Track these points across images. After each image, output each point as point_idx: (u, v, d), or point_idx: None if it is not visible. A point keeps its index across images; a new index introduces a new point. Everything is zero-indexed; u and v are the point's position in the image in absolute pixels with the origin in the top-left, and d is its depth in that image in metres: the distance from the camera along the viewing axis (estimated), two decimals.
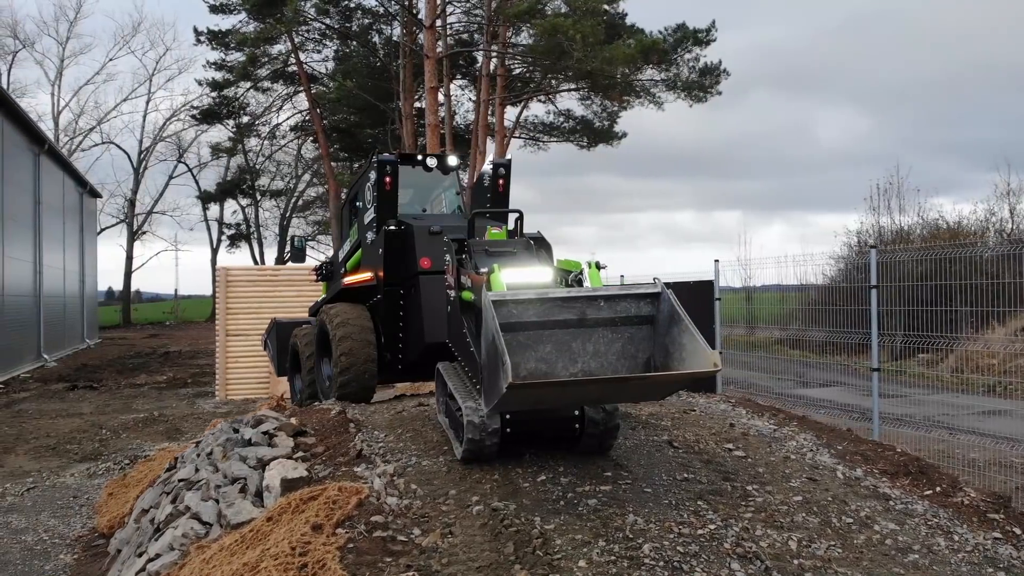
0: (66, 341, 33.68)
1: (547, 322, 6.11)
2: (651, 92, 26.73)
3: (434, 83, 19.20)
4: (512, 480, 6.56)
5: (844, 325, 12.91)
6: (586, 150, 30.63)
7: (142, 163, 52.02)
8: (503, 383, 5.12)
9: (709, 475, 6.83)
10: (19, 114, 27.20)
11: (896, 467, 7.32)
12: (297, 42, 29.09)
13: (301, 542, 5.65)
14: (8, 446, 15.07)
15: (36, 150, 29.19)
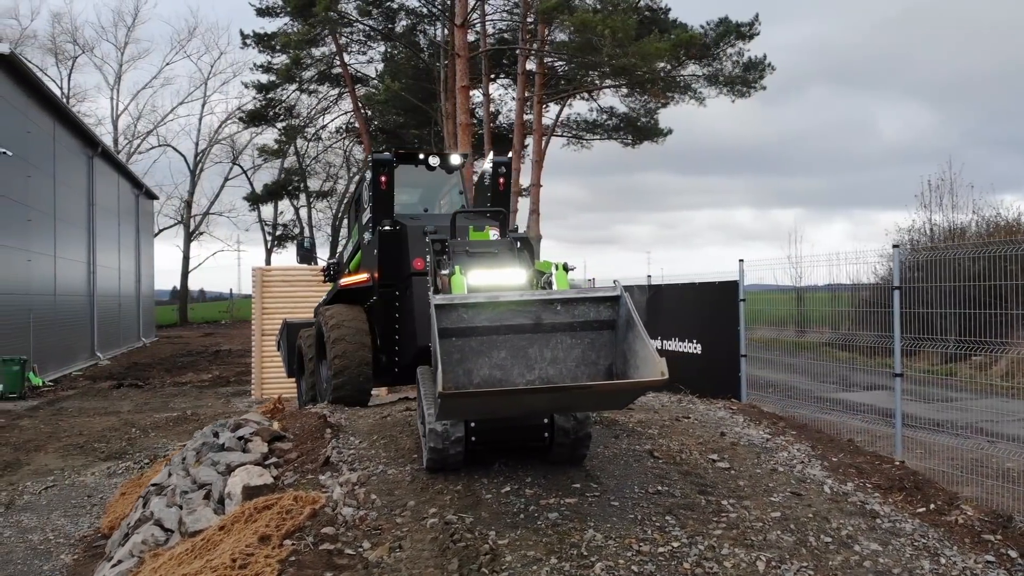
0: (121, 340, 34.46)
1: (501, 327, 5.87)
2: (692, 88, 26.18)
3: (465, 82, 19.05)
4: (475, 491, 6.35)
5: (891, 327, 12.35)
6: (631, 147, 30.25)
7: (198, 165, 53.10)
8: (435, 392, 4.92)
9: (685, 488, 6.52)
10: (72, 118, 27.88)
11: (891, 481, 6.90)
12: (342, 44, 29.26)
13: (243, 554, 5.53)
14: (40, 444, 15.35)
15: (90, 153, 29.90)
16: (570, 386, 5.59)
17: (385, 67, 33.46)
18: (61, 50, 48.86)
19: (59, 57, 48.69)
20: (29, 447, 15.01)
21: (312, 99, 33.80)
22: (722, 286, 14.01)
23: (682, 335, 14.91)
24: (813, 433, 8.51)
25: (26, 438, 15.80)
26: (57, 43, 48.69)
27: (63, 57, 48.88)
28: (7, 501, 11.54)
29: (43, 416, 18.43)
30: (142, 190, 38.98)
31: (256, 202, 49.94)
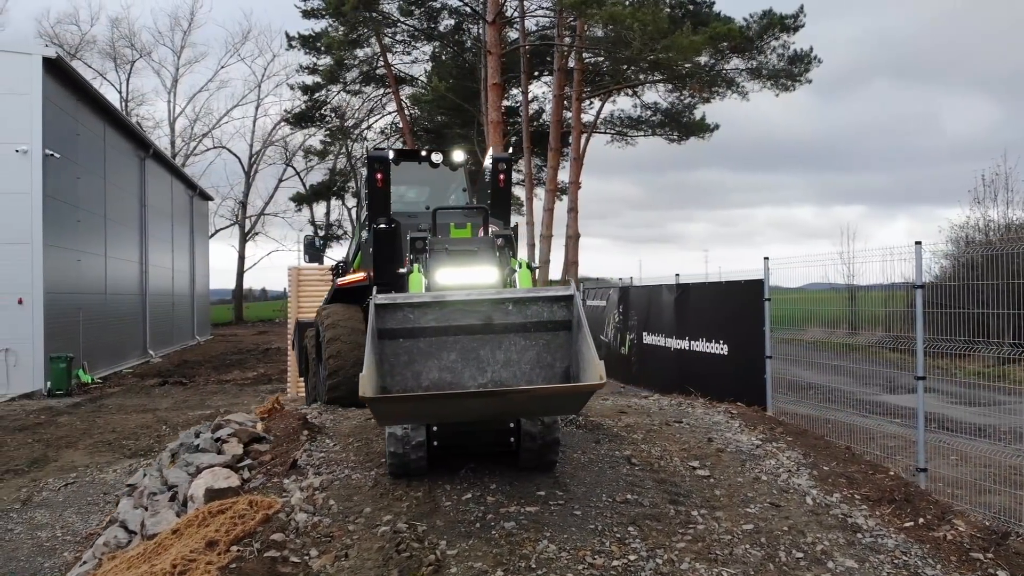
0: (174, 338, 35.15)
1: (450, 327, 5.65)
2: (735, 82, 25.53)
3: (497, 79, 18.85)
4: (435, 498, 6.16)
5: (947, 327, 11.76)
6: (677, 144, 29.69)
7: (252, 167, 53.88)
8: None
9: (656, 497, 6.24)
10: (122, 121, 28.49)
11: (881, 492, 6.49)
12: (386, 44, 29.30)
13: (184, 559, 5.43)
14: (72, 440, 15.63)
15: (141, 155, 30.53)
16: (504, 390, 5.34)
17: (433, 67, 33.48)
18: (120, 55, 50.09)
19: (118, 62, 49.97)
20: (61, 443, 15.29)
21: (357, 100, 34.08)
22: (747, 285, 13.57)
23: (709, 336, 14.49)
24: (811, 440, 8.11)
25: (60, 434, 16.11)
26: (116, 48, 49.93)
27: (121, 62, 50.13)
28: (25, 497, 11.73)
29: (83, 413, 18.79)
30: (196, 191, 39.72)
31: (302, 202, 50.43)
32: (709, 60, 24.57)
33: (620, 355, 18.11)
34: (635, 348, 17.37)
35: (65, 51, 47.57)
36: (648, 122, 29.72)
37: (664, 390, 15.14)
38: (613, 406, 9.21)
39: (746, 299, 13.37)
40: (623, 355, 17.94)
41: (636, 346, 17.33)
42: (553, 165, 25.01)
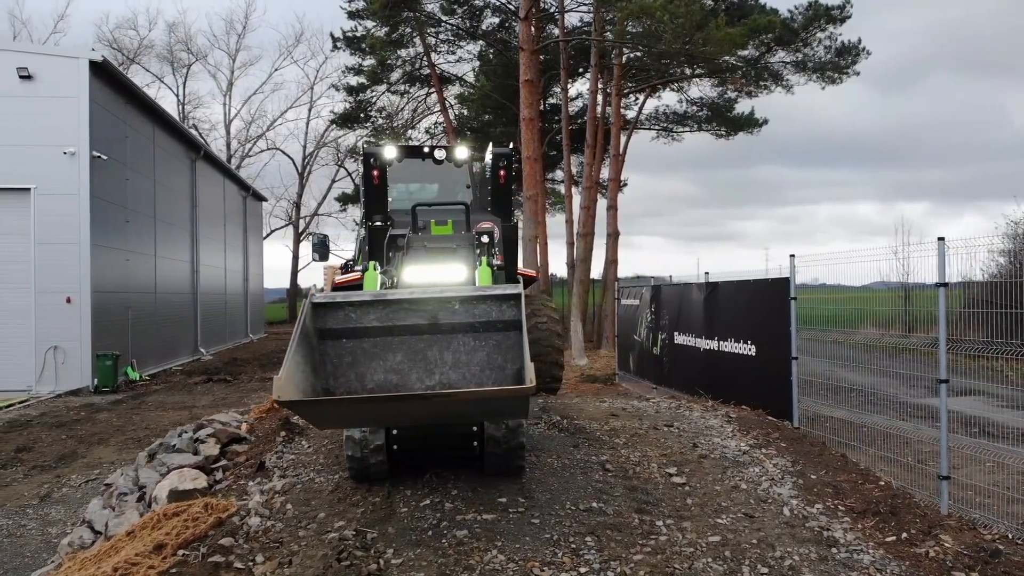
0: (227, 336, 35.67)
1: (395, 327, 5.44)
2: (781, 75, 24.76)
3: (529, 76, 18.61)
4: (392, 503, 6.00)
5: (1004, 328, 11.14)
6: (725, 139, 28.99)
7: (306, 168, 54.38)
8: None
9: (623, 505, 5.97)
10: (172, 123, 28.99)
11: (867, 504, 6.11)
12: (429, 44, 29.25)
13: (127, 563, 5.36)
14: (104, 437, 15.87)
15: (193, 157, 31.03)
16: (428, 394, 5.12)
17: (480, 66, 33.35)
18: (176, 59, 50.96)
19: (175, 66, 50.83)
20: (93, 440, 15.54)
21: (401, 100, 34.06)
22: (774, 283, 13.13)
23: (737, 336, 14.06)
24: (805, 446, 7.71)
25: (95, 431, 16.37)
26: (173, 52, 50.85)
27: (178, 66, 50.97)
28: (45, 493, 11.91)
29: (122, 410, 19.11)
30: (249, 192, 40.25)
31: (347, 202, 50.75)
32: (753, 53, 23.89)
33: (652, 355, 17.73)
34: (667, 348, 16.98)
35: (124, 55, 48.72)
36: (694, 118, 29.13)
37: (694, 391, 14.77)
38: (609, 408, 8.95)
39: (773, 298, 12.93)
40: (655, 355, 17.56)
41: (668, 346, 16.93)
42: (590, 162, 24.63)
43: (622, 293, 20.14)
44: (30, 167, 21.11)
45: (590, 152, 24.25)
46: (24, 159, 21.09)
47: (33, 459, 14.00)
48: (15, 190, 21.22)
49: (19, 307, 21.31)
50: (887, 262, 14.30)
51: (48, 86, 21.48)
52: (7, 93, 21.06)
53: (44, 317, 21.35)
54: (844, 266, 12.57)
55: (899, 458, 8.46)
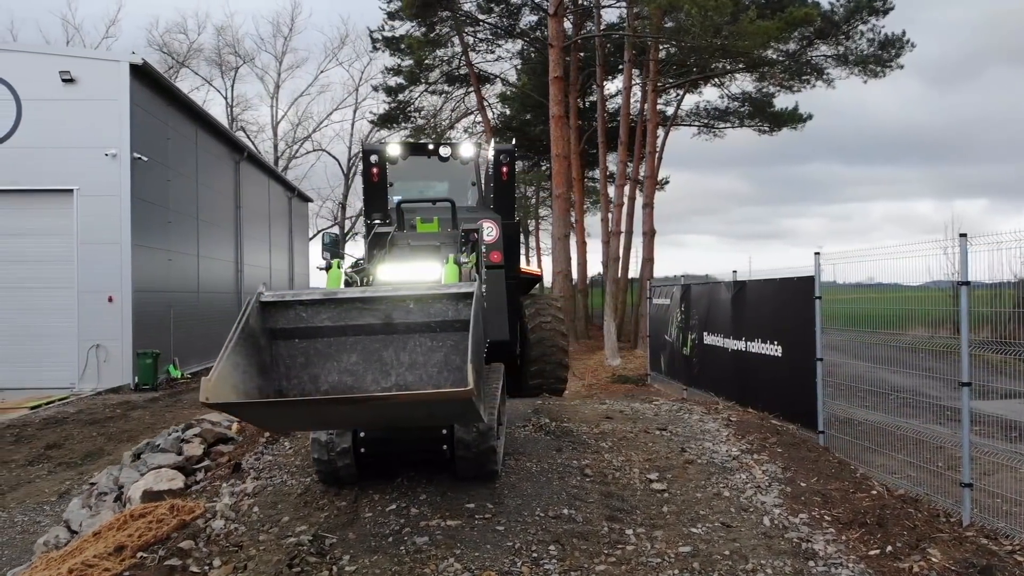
0: None
1: (348, 327, 5.27)
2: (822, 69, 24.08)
3: (558, 72, 18.36)
4: (358, 508, 5.87)
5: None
6: (768, 135, 28.33)
7: (351, 168, 54.60)
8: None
9: (595, 512, 5.75)
10: (216, 125, 29.39)
11: (854, 514, 5.78)
12: (468, 43, 29.17)
13: (83, 564, 5.32)
14: (134, 435, 16.04)
15: (237, 158, 31.44)
16: (357, 397, 4.94)
17: (523, 64, 33.18)
18: (224, 62, 51.62)
19: (223, 69, 51.51)
20: (122, 437, 15.74)
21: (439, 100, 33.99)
22: (800, 282, 12.72)
23: (764, 336, 13.66)
24: (802, 452, 7.38)
25: (126, 428, 16.59)
26: (221, 55, 51.51)
27: (227, 69, 51.63)
28: (65, 490, 12.06)
29: (157, 408, 19.35)
30: (294, 193, 40.65)
31: None
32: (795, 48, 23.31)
33: (682, 356, 17.36)
34: (696, 349, 16.60)
35: (174, 59, 49.55)
36: (736, 113, 28.53)
37: (724, 393, 14.41)
38: (607, 410, 8.71)
39: (799, 297, 12.54)
40: (685, 356, 17.18)
41: (697, 347, 16.56)
42: (623, 160, 24.26)
43: (653, 292, 19.78)
44: (73, 169, 21.50)
45: (623, 149, 23.89)
46: (67, 161, 21.49)
47: (61, 456, 14.21)
48: (59, 191, 21.64)
49: (63, 306, 21.71)
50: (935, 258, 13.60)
51: (90, 89, 21.86)
52: (50, 96, 21.47)
53: (87, 316, 21.73)
54: (899, 265, 12.03)
55: (926, 465, 8.08)
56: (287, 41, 56.01)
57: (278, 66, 53.18)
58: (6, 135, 21.46)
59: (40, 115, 21.24)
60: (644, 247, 24.58)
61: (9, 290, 21.41)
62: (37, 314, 21.65)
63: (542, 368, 10.58)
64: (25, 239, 21.58)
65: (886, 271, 11.90)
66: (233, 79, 52.10)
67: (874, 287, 14.19)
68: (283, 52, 53.54)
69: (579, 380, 17.87)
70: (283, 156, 52.50)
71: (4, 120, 21.37)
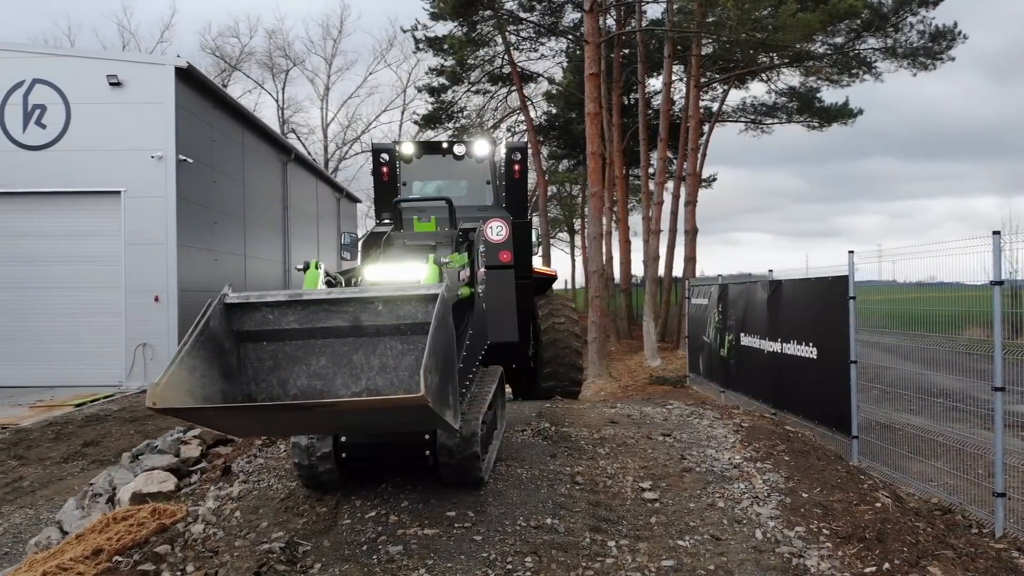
0: None
1: (316, 329, 5.13)
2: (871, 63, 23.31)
3: (594, 69, 18.08)
4: (337, 514, 5.75)
5: None
6: (818, 130, 27.57)
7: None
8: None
9: (579, 522, 5.54)
10: (262, 127, 29.73)
11: (854, 528, 5.46)
12: (511, 41, 28.99)
13: (58, 568, 5.29)
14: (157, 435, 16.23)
15: (284, 160, 31.77)
16: (302, 404, 4.78)
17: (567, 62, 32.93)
18: (275, 65, 52.15)
19: (274, 72, 52.04)
20: (159, 435, 15.89)
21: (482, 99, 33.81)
22: (834, 282, 12.28)
23: (799, 337, 13.25)
24: (810, 461, 7.04)
25: (165, 426, 16.61)
26: (272, 58, 52.04)
27: (277, 71, 52.16)
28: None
29: None
30: (343, 194, 40.96)
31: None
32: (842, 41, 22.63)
33: (720, 357, 16.97)
34: (734, 350, 16.21)
35: (226, 63, 50.27)
36: (784, 109, 27.82)
37: (760, 396, 14.04)
38: (614, 414, 8.48)
39: (833, 298, 12.12)
40: (722, 357, 16.80)
41: (735, 348, 16.16)
42: (662, 157, 23.83)
43: (692, 292, 19.39)
44: (120, 171, 21.86)
45: (663, 146, 23.48)
46: (115, 163, 21.84)
47: (96, 453, 14.41)
48: (107, 193, 22.02)
49: (111, 306, 22.09)
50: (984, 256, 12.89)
51: (136, 92, 22.21)
52: (98, 100, 21.87)
53: (134, 315, 22.09)
54: (955, 263, 11.49)
55: (962, 473, 7.70)
56: (336, 44, 56.55)
57: (328, 68, 53.65)
58: (56, 138, 21.90)
59: (88, 118, 21.64)
60: (686, 246, 24.13)
61: (61, 290, 21.88)
62: (87, 314, 22.08)
63: (555, 370, 10.39)
64: (75, 240, 22.02)
65: (946, 269, 11.28)
66: (284, 82, 52.74)
67: (935, 287, 13.57)
68: (332, 54, 54.06)
69: (615, 381, 17.57)
70: (333, 158, 52.97)
71: (54, 124, 21.82)
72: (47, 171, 21.51)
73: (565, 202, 40.95)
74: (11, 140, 21.47)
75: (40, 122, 21.88)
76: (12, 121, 21.46)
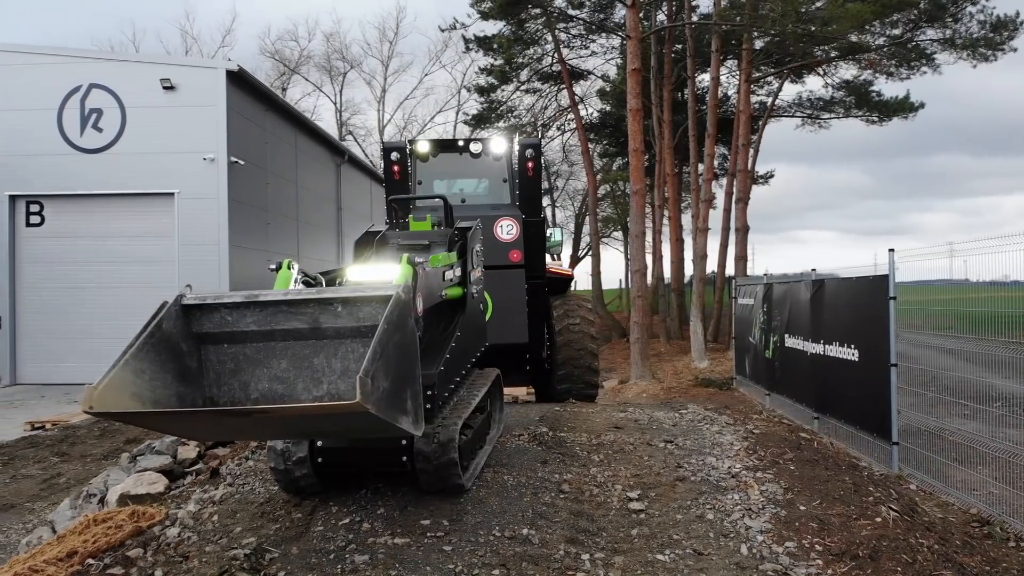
0: None
1: (276, 331, 4.98)
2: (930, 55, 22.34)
3: (636, 64, 17.70)
4: (311, 520, 5.63)
5: None
6: (877, 125, 26.58)
7: None
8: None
9: (556, 533, 5.31)
10: (315, 129, 30.05)
11: (849, 544, 5.10)
12: (560, 39, 28.72)
13: (29, 569, 5.28)
14: None
15: (338, 161, 32.08)
16: (236, 409, 4.62)
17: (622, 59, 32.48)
18: (333, 68, 52.57)
19: (332, 74, 52.46)
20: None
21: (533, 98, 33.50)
22: (875, 282, 11.75)
23: (841, 339, 12.74)
24: (817, 471, 6.65)
25: None
26: (330, 61, 52.50)
27: (335, 74, 52.57)
28: None
29: None
30: None
31: None
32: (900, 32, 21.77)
33: (765, 359, 16.45)
34: (778, 352, 15.69)
35: (286, 66, 50.94)
36: (841, 103, 26.91)
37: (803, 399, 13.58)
38: (622, 419, 8.21)
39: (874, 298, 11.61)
40: (767, 359, 16.27)
41: (779, 349, 15.65)
42: (711, 153, 23.24)
43: (739, 291, 18.86)
44: (174, 173, 22.25)
45: (710, 142, 22.93)
46: (168, 165, 22.24)
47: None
48: (161, 195, 22.44)
49: None
50: None
51: (189, 96, 22.58)
52: (152, 104, 22.29)
53: None
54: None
55: (1008, 485, 7.25)
56: (392, 46, 56.69)
57: (384, 71, 53.93)
58: (112, 141, 22.37)
59: (143, 122, 22.08)
60: (737, 244, 23.54)
61: (115, 289, 22.38)
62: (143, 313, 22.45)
63: (570, 372, 10.13)
64: (130, 241, 22.49)
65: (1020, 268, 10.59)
66: (341, 84, 53.20)
67: (1010, 285, 12.80)
68: (389, 57, 54.30)
69: (659, 383, 17.21)
70: None
71: (110, 127, 22.29)
72: (103, 174, 21.99)
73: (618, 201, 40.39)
74: (69, 143, 22.02)
75: (97, 126, 22.39)
76: (70, 125, 22.01)
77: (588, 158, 31.60)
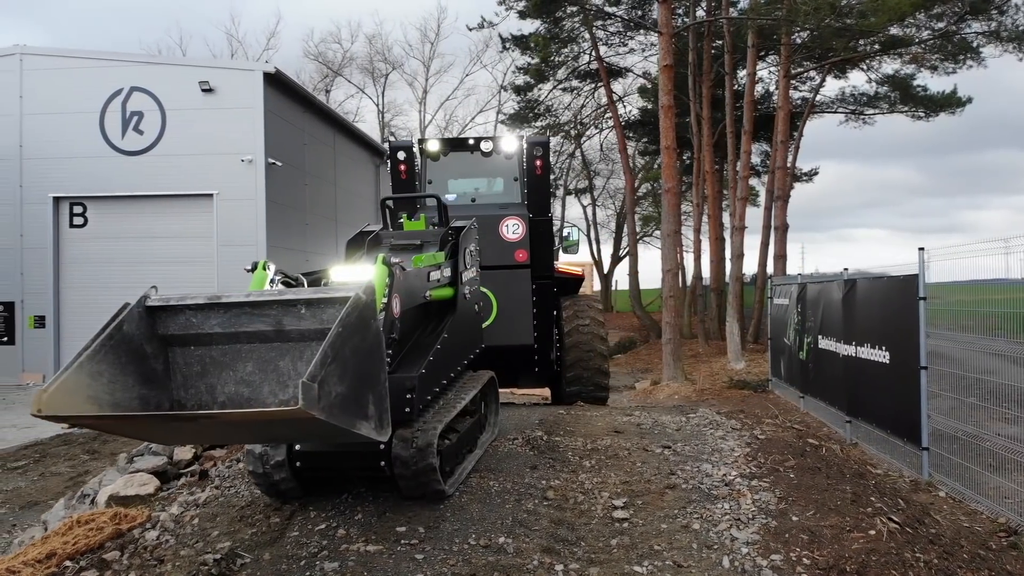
0: None
1: (240, 334, 4.89)
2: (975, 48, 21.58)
3: (668, 61, 17.40)
4: (286, 526, 5.55)
5: None
6: (924, 120, 25.80)
7: None
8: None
9: (533, 542, 5.15)
10: (354, 130, 30.23)
11: (838, 558, 4.84)
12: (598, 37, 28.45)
13: (7, 571, 5.28)
14: None
15: (377, 162, 32.24)
16: (182, 414, 4.52)
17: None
18: (376, 69, 52.76)
19: (374, 76, 52.65)
20: None
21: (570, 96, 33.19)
22: (904, 281, 11.35)
23: (872, 340, 12.34)
24: (817, 479, 6.37)
25: None
26: (373, 63, 52.69)
27: (378, 76, 52.73)
28: None
29: None
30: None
31: None
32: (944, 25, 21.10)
33: (799, 361, 16.05)
34: (812, 353, 15.30)
35: (329, 68, 51.31)
36: (886, 98, 26.14)
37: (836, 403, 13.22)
38: (624, 423, 8.00)
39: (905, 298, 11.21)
40: (801, 361, 15.87)
41: (813, 351, 15.25)
42: (747, 150, 22.76)
43: (774, 291, 18.44)
44: (213, 174, 22.54)
45: (747, 139, 22.47)
46: (207, 167, 22.53)
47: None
48: (200, 196, 22.74)
49: None
50: None
51: (227, 98, 22.83)
52: (192, 106, 22.59)
53: None
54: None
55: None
56: (434, 47, 56.77)
57: (426, 72, 54.02)
58: (153, 143, 22.72)
59: (182, 124, 22.40)
60: (777, 243, 23.03)
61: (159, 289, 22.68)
62: None
63: (579, 374, 9.93)
64: (170, 241, 22.83)
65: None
66: (383, 86, 53.40)
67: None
68: (430, 58, 54.36)
69: (691, 384, 16.90)
70: None
71: (151, 130, 22.64)
72: (144, 175, 22.35)
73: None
74: (110, 146, 22.42)
75: (138, 128, 22.75)
76: (112, 128, 22.40)
77: (626, 156, 31.24)
